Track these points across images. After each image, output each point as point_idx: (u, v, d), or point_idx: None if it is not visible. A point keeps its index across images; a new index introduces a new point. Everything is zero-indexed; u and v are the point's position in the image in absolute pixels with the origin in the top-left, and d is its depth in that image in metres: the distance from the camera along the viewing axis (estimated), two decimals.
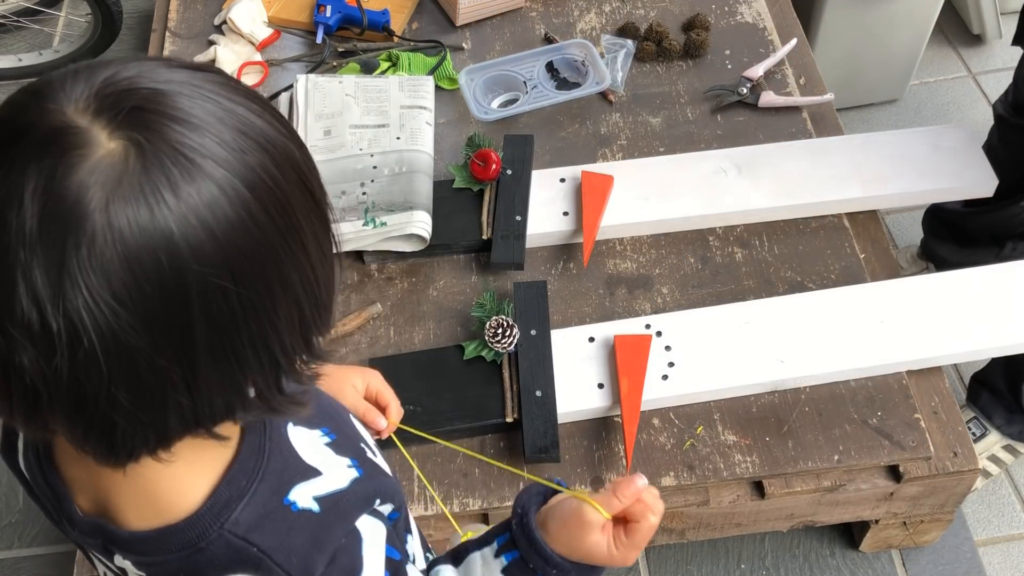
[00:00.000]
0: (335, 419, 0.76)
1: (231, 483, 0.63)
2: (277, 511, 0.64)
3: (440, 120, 1.64)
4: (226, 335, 0.54)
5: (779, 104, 1.64)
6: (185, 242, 0.51)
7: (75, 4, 2.40)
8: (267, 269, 0.54)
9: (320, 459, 0.69)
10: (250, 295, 0.53)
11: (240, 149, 0.53)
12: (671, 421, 1.32)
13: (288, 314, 0.56)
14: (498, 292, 1.42)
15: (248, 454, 0.65)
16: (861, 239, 1.51)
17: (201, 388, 0.54)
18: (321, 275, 0.59)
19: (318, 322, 0.60)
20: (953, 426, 1.35)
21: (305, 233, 0.57)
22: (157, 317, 0.51)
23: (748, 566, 1.55)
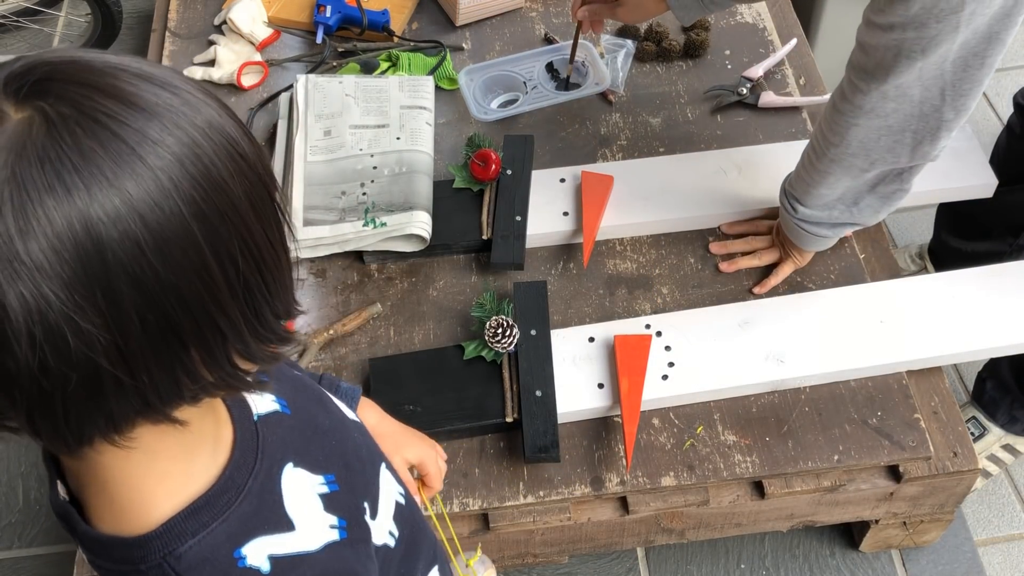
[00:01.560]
0: (350, 467, 0.74)
1: (192, 515, 0.61)
2: (223, 560, 0.62)
3: (440, 120, 1.64)
4: (153, 300, 0.52)
5: (779, 104, 1.64)
6: (100, 210, 0.49)
7: (75, 4, 2.40)
8: (191, 234, 0.52)
9: (303, 512, 0.67)
10: (175, 258, 0.52)
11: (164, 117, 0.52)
12: (671, 421, 1.32)
13: (226, 281, 0.54)
14: (498, 292, 1.42)
15: (223, 489, 0.63)
16: (861, 239, 1.51)
17: (138, 358, 0.52)
18: (265, 248, 0.57)
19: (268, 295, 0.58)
20: (953, 426, 1.35)
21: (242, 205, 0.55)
22: (78, 282, 0.49)
23: (748, 566, 1.55)
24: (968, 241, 1.70)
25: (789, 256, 1.42)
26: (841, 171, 1.23)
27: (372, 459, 0.79)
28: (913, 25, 1.05)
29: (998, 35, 1.06)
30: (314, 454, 0.71)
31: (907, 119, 1.14)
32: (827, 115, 1.22)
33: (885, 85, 1.12)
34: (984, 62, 1.08)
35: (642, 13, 1.46)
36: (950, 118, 1.13)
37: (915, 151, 1.17)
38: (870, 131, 1.17)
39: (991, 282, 1.42)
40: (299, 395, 0.75)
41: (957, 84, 1.10)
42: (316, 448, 0.72)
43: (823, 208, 1.31)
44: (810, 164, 1.28)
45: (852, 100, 1.16)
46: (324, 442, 0.73)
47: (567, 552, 1.40)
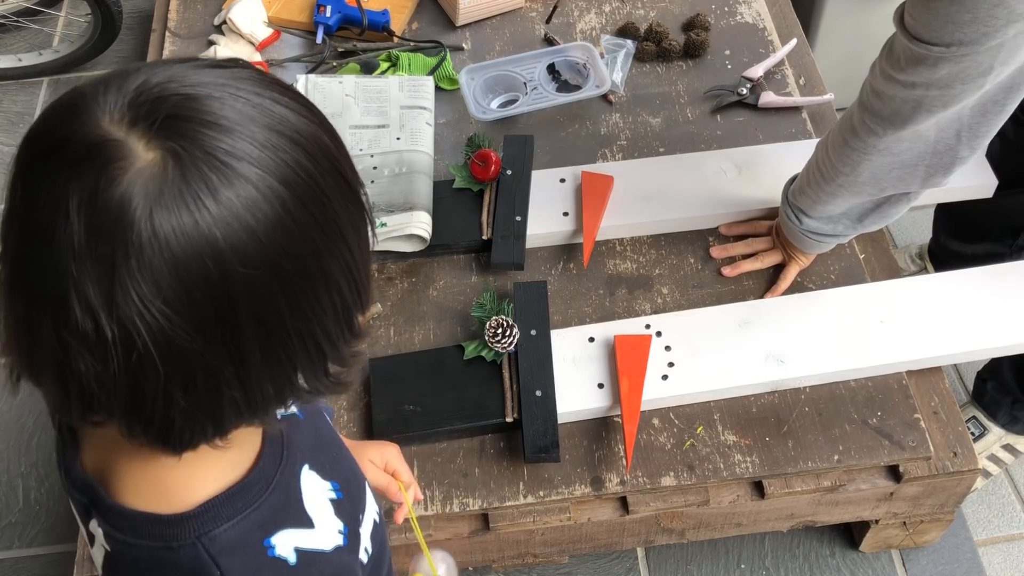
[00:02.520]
0: (349, 480, 0.75)
1: (229, 500, 0.63)
2: (254, 547, 0.63)
3: (440, 120, 1.64)
4: (274, 331, 0.55)
5: (779, 104, 1.64)
6: (229, 246, 0.52)
7: (75, 4, 2.40)
8: (308, 263, 0.56)
9: (319, 513, 0.69)
10: (294, 291, 0.55)
11: (273, 147, 0.54)
12: (671, 421, 1.32)
13: (331, 303, 0.58)
14: (498, 292, 1.42)
15: (257, 478, 0.65)
16: (861, 239, 1.51)
17: (253, 382, 0.56)
18: (359, 258, 0.60)
19: (358, 303, 0.61)
20: (953, 426, 1.35)
21: (342, 221, 0.58)
22: (207, 320, 0.53)
23: (748, 566, 1.55)
24: (967, 243, 1.70)
25: (793, 258, 1.42)
26: (851, 195, 1.23)
27: (362, 478, 0.80)
28: (937, 85, 1.03)
29: (1019, 86, 1.05)
30: (323, 461, 0.72)
31: (921, 156, 1.14)
32: (836, 146, 1.20)
33: (902, 132, 1.11)
34: (1003, 108, 1.08)
35: None
36: (965, 155, 1.13)
37: (927, 181, 1.17)
38: (882, 166, 1.16)
39: (991, 282, 1.42)
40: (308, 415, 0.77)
41: (974, 127, 1.09)
42: (324, 456, 0.73)
43: (828, 222, 1.32)
44: (817, 185, 1.27)
45: (864, 139, 1.15)
46: (328, 452, 0.75)
47: (567, 552, 1.40)
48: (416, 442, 1.30)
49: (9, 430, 1.74)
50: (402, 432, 1.29)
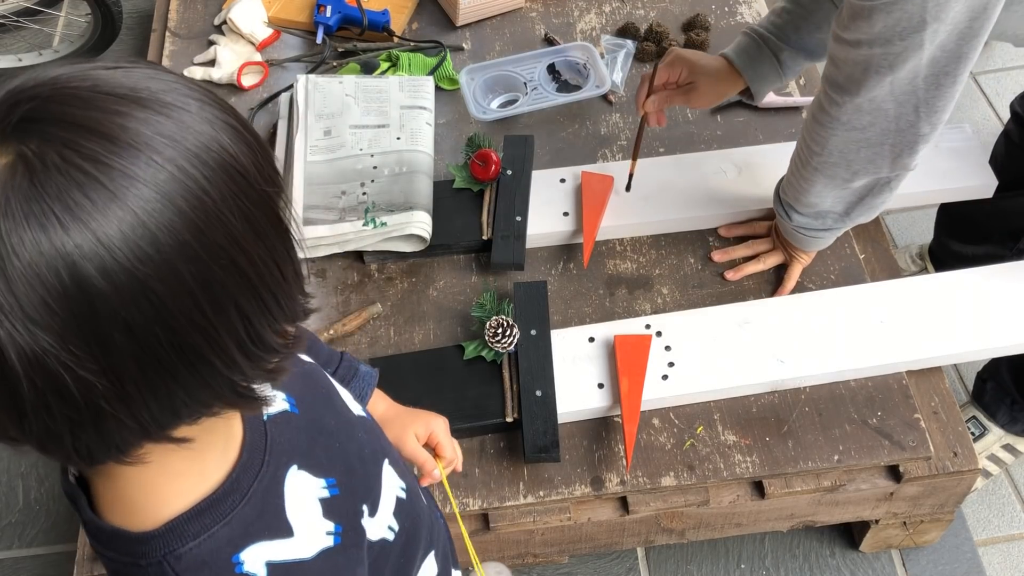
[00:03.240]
0: (351, 470, 0.74)
1: (197, 517, 0.62)
2: (222, 564, 0.62)
3: (440, 120, 1.64)
4: (147, 344, 0.51)
5: (779, 104, 1.64)
6: (82, 256, 0.48)
7: (75, 4, 2.40)
8: (184, 277, 0.51)
9: (302, 518, 0.67)
10: (168, 305, 0.51)
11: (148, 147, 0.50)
12: (671, 421, 1.32)
13: (224, 317, 0.54)
14: (498, 292, 1.42)
15: (230, 491, 0.63)
16: (861, 239, 1.51)
17: (132, 396, 0.52)
18: (265, 267, 0.55)
19: (270, 317, 0.57)
20: (953, 426, 1.35)
21: (235, 228, 0.53)
22: (71, 332, 0.49)
23: (748, 566, 1.55)
24: (968, 245, 1.71)
25: (794, 257, 1.42)
26: (825, 179, 1.25)
27: (375, 458, 0.79)
28: (878, 42, 1.08)
29: (967, 55, 1.09)
30: (318, 456, 0.71)
31: (884, 133, 1.17)
32: (807, 125, 1.25)
33: (858, 99, 1.14)
34: (955, 80, 1.11)
35: (716, 95, 1.45)
36: (926, 132, 1.16)
37: (895, 162, 1.20)
38: (849, 142, 1.19)
39: (991, 283, 1.42)
40: (308, 392, 0.75)
41: (931, 101, 1.13)
42: (320, 450, 0.72)
43: (816, 217, 1.33)
44: (797, 171, 1.30)
45: (829, 112, 1.19)
46: (329, 443, 0.73)
47: (567, 552, 1.40)
48: None
49: None
50: None
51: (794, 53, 1.39)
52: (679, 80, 1.44)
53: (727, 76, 1.42)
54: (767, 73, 1.41)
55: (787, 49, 1.39)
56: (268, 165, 0.57)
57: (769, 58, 1.39)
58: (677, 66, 1.43)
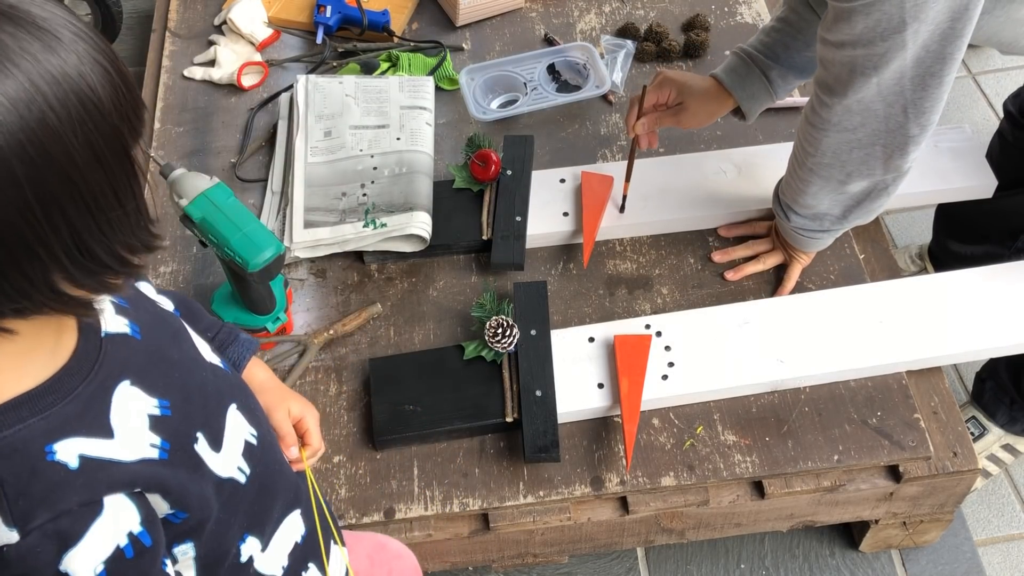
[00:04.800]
0: (188, 399, 0.78)
1: (13, 409, 0.66)
2: (33, 452, 0.66)
3: (440, 120, 1.64)
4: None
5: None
6: None
7: (75, 4, 2.40)
8: (19, 177, 0.57)
9: (125, 426, 0.71)
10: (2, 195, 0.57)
11: (19, 54, 0.57)
12: (671, 421, 1.32)
13: (50, 221, 0.59)
14: (498, 292, 1.42)
15: (49, 390, 0.67)
16: (861, 239, 1.51)
17: None
18: (101, 193, 0.61)
19: (102, 235, 0.63)
20: (953, 426, 1.35)
21: (77, 151, 0.59)
22: None
23: (748, 566, 1.55)
24: (966, 244, 1.71)
25: (794, 257, 1.42)
26: (821, 180, 1.26)
27: (219, 397, 0.83)
28: (861, 43, 1.09)
29: (951, 55, 1.10)
30: (154, 379, 0.75)
31: (875, 134, 1.18)
32: (801, 126, 1.26)
33: (846, 100, 1.16)
34: (941, 81, 1.12)
35: (707, 115, 1.45)
36: (916, 133, 1.17)
37: (888, 163, 1.21)
38: (841, 143, 1.21)
39: (990, 283, 1.42)
40: (156, 326, 0.80)
41: (918, 102, 1.14)
42: (157, 374, 0.76)
43: (814, 218, 1.34)
44: (793, 172, 1.32)
45: (820, 113, 1.20)
46: (168, 370, 0.77)
47: (567, 552, 1.40)
48: (416, 442, 1.30)
49: None
50: (402, 432, 1.29)
51: (783, 71, 1.40)
52: (668, 101, 1.44)
53: (716, 96, 1.43)
54: (757, 92, 1.41)
55: (776, 67, 1.39)
56: (128, 105, 0.63)
57: (758, 77, 1.40)
58: (666, 87, 1.43)
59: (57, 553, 0.66)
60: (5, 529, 0.64)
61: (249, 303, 1.33)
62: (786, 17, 1.38)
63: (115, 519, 0.69)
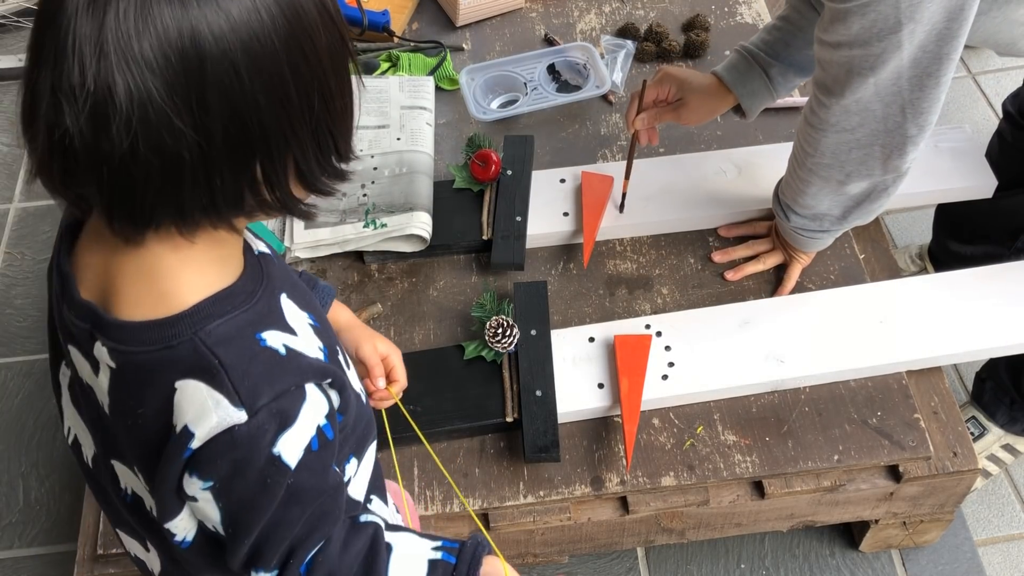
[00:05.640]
0: (323, 322, 0.81)
1: (219, 302, 0.69)
2: (247, 339, 0.69)
3: (440, 120, 1.64)
4: (237, 113, 0.61)
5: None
6: (205, 22, 0.59)
7: None
8: (283, 67, 0.63)
9: (300, 327, 0.75)
10: (262, 82, 0.62)
11: None
12: (671, 421, 1.32)
13: (302, 112, 0.65)
14: (498, 292, 1.42)
15: (243, 287, 0.71)
16: (861, 239, 1.51)
17: (215, 161, 0.62)
18: (336, 89, 0.67)
19: (335, 140, 0.69)
20: (953, 426, 1.35)
21: (322, 51, 0.65)
22: (178, 84, 0.59)
23: (748, 566, 1.55)
24: (966, 245, 1.71)
25: (794, 257, 1.43)
26: (820, 181, 1.26)
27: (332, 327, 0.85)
28: (857, 43, 1.09)
29: (947, 55, 1.10)
30: (298, 295, 0.78)
31: (874, 134, 1.18)
32: (801, 127, 1.26)
33: (844, 100, 1.16)
34: (938, 81, 1.12)
35: (707, 112, 1.45)
36: (914, 133, 1.17)
37: (886, 164, 1.21)
38: (840, 144, 1.21)
39: (990, 283, 1.42)
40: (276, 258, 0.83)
41: (916, 103, 1.14)
42: (298, 293, 0.79)
43: (813, 219, 1.34)
44: (793, 172, 1.32)
45: (818, 114, 1.21)
46: (302, 292, 0.81)
47: (567, 552, 1.40)
48: (416, 442, 1.30)
49: (9, 430, 1.74)
50: (402, 432, 1.29)
51: (784, 69, 1.40)
52: (668, 97, 1.44)
53: (716, 93, 1.43)
54: (757, 89, 1.41)
55: (777, 65, 1.39)
56: (345, 28, 0.69)
57: (759, 74, 1.40)
58: (666, 83, 1.43)
59: (276, 433, 0.69)
60: (234, 410, 0.67)
61: None
62: (788, 15, 1.38)
63: (313, 406, 0.72)
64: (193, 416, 0.67)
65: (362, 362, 1.00)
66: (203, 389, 0.67)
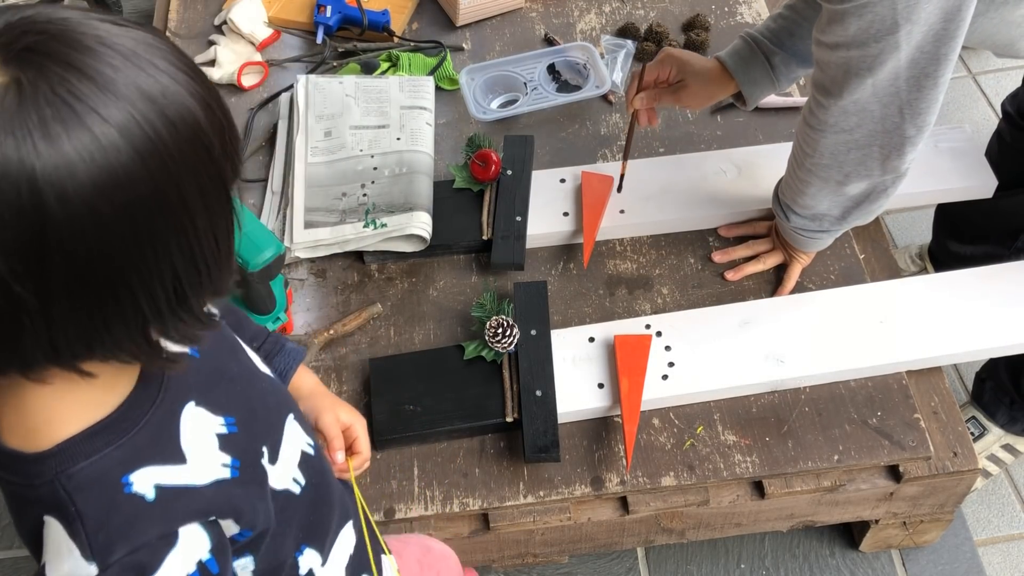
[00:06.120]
0: (253, 412, 0.77)
1: (89, 439, 0.65)
2: (111, 484, 0.65)
3: (440, 120, 1.64)
4: (83, 274, 0.56)
5: (779, 105, 1.64)
6: (44, 178, 0.53)
7: (75, 4, 2.40)
8: (135, 217, 0.56)
9: (196, 449, 0.70)
10: (111, 239, 0.56)
11: (129, 100, 0.55)
12: (671, 421, 1.32)
13: (157, 268, 0.58)
14: (498, 292, 1.42)
15: (123, 417, 0.66)
16: (861, 239, 1.51)
17: (56, 319, 0.57)
18: (203, 233, 0.60)
19: (199, 283, 0.61)
20: (953, 426, 1.35)
21: (188, 190, 0.58)
22: (14, 244, 0.54)
23: (748, 566, 1.55)
24: (966, 245, 1.71)
25: (794, 257, 1.43)
26: (819, 181, 1.27)
27: (279, 409, 0.82)
28: (854, 44, 1.09)
29: (945, 56, 1.10)
30: (217, 396, 0.74)
31: (872, 135, 1.18)
32: (800, 128, 1.26)
33: (842, 101, 1.16)
34: (936, 82, 1.12)
35: (707, 97, 1.45)
36: (912, 134, 1.17)
37: (885, 164, 1.21)
38: (838, 144, 1.21)
39: (990, 283, 1.42)
40: (212, 342, 0.78)
41: (914, 103, 1.14)
42: (220, 392, 0.75)
43: (813, 219, 1.34)
44: (792, 173, 1.32)
45: (817, 115, 1.21)
46: (229, 388, 0.77)
47: (567, 552, 1.40)
48: (416, 442, 1.30)
49: None
50: (402, 432, 1.29)
51: (787, 58, 1.39)
52: (669, 78, 1.44)
53: (718, 78, 1.42)
54: (759, 77, 1.41)
55: (780, 53, 1.39)
56: (231, 143, 0.61)
57: (761, 62, 1.40)
58: (667, 64, 1.43)
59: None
60: (84, 563, 0.64)
61: (249, 303, 1.33)
62: (794, 4, 1.37)
63: (187, 549, 0.67)
64: (51, 556, 0.65)
65: (321, 433, 0.96)
66: (62, 532, 0.64)
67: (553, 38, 1.78)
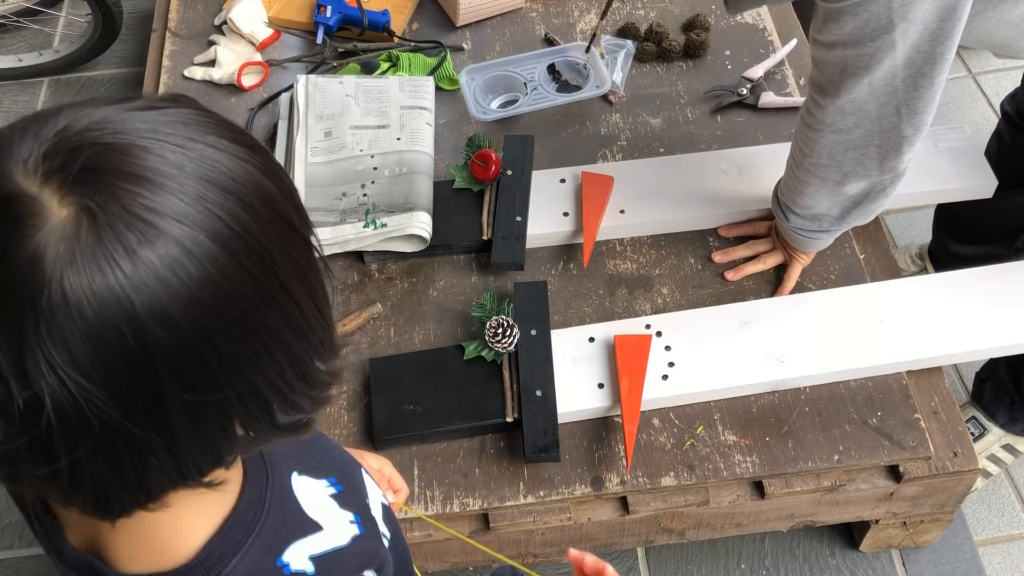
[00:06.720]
0: (344, 470, 0.75)
1: (227, 536, 0.61)
2: (270, 571, 0.62)
3: (440, 120, 1.64)
4: (203, 395, 0.51)
5: (779, 105, 1.64)
6: (146, 310, 0.48)
7: (75, 4, 2.40)
8: (244, 319, 0.52)
9: (323, 512, 0.68)
10: (228, 352, 0.51)
11: (203, 198, 0.50)
12: (671, 421, 1.32)
13: (273, 358, 0.54)
14: (498, 292, 1.42)
15: (248, 505, 0.63)
16: (861, 239, 1.51)
17: (181, 448, 0.53)
18: (308, 309, 0.56)
19: (313, 352, 0.57)
20: (953, 426, 1.35)
21: (284, 272, 0.54)
22: (127, 389, 0.49)
23: (748, 566, 1.55)
24: (966, 245, 1.71)
25: (794, 257, 1.43)
26: (818, 181, 1.27)
27: (353, 465, 0.80)
28: (851, 43, 1.10)
29: (942, 55, 1.10)
30: (311, 461, 0.72)
31: (869, 135, 1.18)
32: (798, 128, 1.27)
33: (839, 100, 1.16)
34: (933, 81, 1.12)
35: None
36: (909, 134, 1.17)
37: (883, 164, 1.21)
38: (836, 144, 1.21)
39: (990, 283, 1.42)
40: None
41: (911, 103, 1.14)
42: (309, 456, 0.73)
43: (812, 219, 1.34)
44: (791, 173, 1.32)
45: (814, 115, 1.21)
46: (314, 450, 0.74)
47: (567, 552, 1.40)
48: (416, 442, 1.30)
49: None
50: (402, 432, 1.29)
51: None
52: None
53: None
54: None
55: None
56: (302, 209, 0.57)
57: None
58: None
59: None
60: None
61: None
62: None
63: None
64: None
65: None
66: None
67: (553, 38, 1.78)
